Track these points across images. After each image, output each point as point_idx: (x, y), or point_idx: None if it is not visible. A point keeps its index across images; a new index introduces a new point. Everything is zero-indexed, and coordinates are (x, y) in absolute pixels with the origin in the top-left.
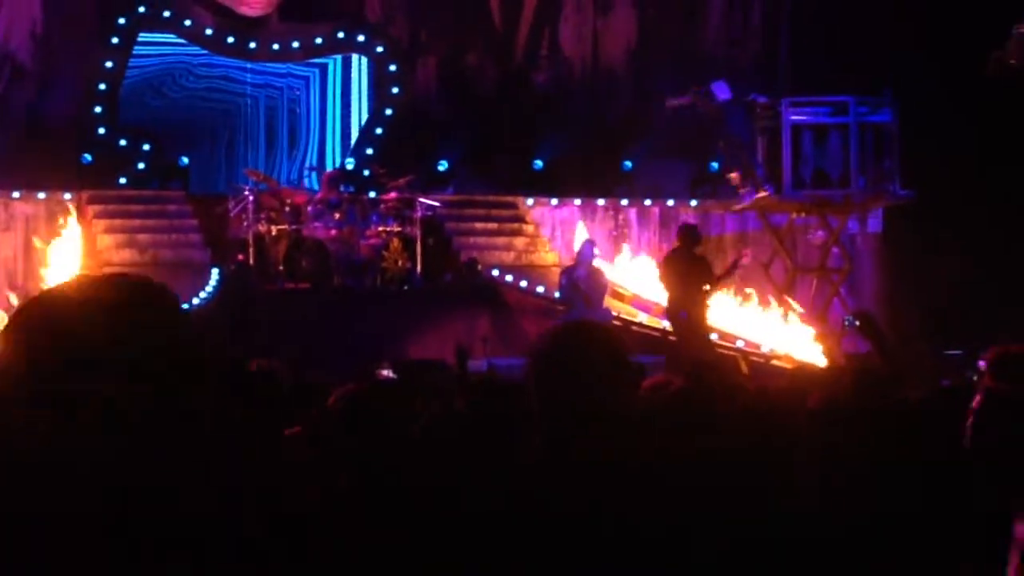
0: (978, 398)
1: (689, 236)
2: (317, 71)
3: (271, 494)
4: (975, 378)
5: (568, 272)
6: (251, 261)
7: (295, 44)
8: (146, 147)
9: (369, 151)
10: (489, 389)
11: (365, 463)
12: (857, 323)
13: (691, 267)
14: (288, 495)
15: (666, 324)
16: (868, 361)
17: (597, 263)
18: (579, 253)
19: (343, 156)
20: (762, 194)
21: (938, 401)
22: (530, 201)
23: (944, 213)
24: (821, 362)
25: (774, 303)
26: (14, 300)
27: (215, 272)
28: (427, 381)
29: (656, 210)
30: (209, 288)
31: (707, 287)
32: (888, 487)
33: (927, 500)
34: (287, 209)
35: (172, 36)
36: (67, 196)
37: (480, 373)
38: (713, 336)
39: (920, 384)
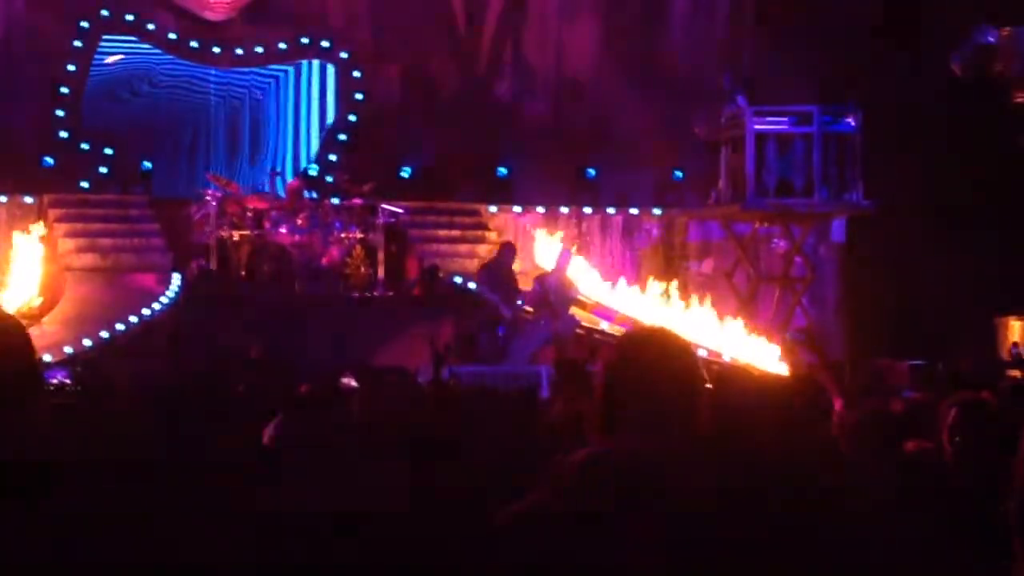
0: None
1: (509, 252)
2: (280, 76)
3: None
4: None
5: (541, 279)
6: (213, 266)
7: (259, 49)
8: (108, 151)
9: (332, 157)
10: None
11: None
12: (802, 337)
13: (509, 277)
14: None
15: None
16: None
17: (569, 274)
18: (556, 261)
19: (306, 161)
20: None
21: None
22: (493, 208)
23: (906, 223)
24: (783, 372)
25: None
26: None
27: (177, 277)
28: (389, 389)
29: (619, 218)
30: (171, 293)
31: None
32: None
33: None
34: (249, 214)
35: (135, 40)
36: (29, 200)
37: (448, 385)
38: None
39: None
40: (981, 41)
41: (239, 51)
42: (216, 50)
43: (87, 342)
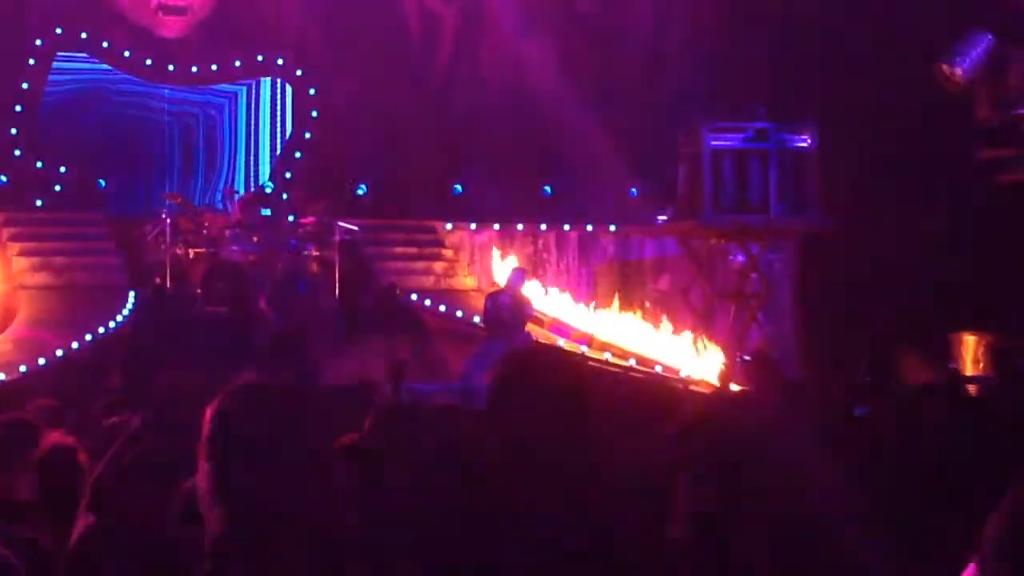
0: None
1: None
2: (236, 94)
3: None
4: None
5: (494, 297)
6: (168, 284)
7: (214, 67)
8: (63, 169)
9: (288, 174)
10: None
11: None
12: (749, 360)
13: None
14: None
15: (584, 349)
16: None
17: (524, 292)
18: (508, 280)
19: (262, 179)
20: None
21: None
22: (449, 225)
23: (862, 240)
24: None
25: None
26: None
27: (131, 295)
28: (342, 407)
29: (575, 235)
30: (125, 311)
31: None
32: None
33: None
34: (205, 232)
35: (89, 57)
36: None
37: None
38: None
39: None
40: (989, 49)
41: (194, 69)
42: (171, 68)
43: (41, 360)
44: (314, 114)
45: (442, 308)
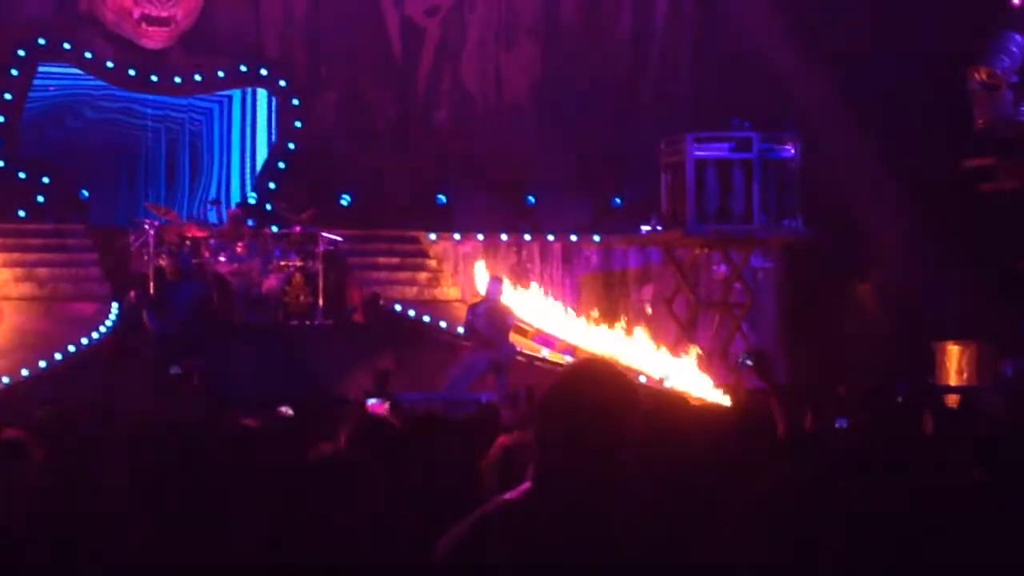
0: None
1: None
2: (219, 104)
3: None
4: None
5: (473, 309)
6: (151, 295)
7: (197, 77)
8: (46, 180)
9: (272, 185)
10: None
11: None
12: (750, 362)
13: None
14: None
15: (569, 359)
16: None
17: (504, 301)
18: (486, 291)
19: (246, 190)
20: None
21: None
22: (433, 236)
23: (845, 249)
24: (723, 400)
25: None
26: None
27: (115, 306)
28: (326, 417)
29: (558, 245)
30: (108, 322)
31: None
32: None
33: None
34: (188, 243)
35: (72, 68)
36: None
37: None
38: None
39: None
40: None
41: (177, 79)
42: (154, 78)
43: (24, 372)
44: (298, 124)
45: (426, 318)
